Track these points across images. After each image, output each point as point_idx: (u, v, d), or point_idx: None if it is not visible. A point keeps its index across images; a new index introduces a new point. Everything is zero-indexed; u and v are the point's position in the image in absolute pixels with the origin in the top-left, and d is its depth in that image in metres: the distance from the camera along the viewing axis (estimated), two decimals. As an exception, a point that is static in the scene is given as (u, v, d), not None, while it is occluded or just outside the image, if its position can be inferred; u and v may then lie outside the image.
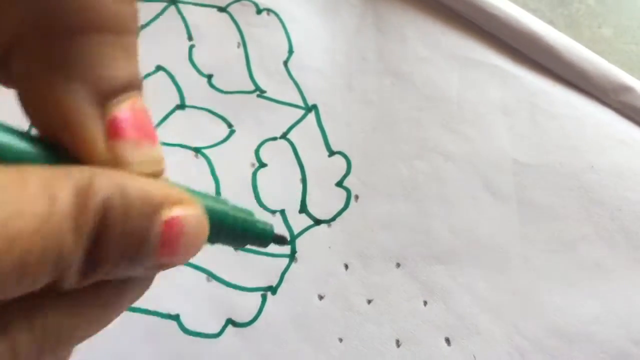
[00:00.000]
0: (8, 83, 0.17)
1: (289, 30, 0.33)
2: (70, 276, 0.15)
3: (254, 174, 0.30)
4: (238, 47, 0.33)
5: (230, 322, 0.27)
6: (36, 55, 0.16)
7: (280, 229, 0.29)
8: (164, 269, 0.18)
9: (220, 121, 0.31)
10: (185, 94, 0.31)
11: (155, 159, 0.17)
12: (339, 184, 0.30)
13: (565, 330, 0.27)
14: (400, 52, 0.33)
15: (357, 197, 0.30)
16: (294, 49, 0.33)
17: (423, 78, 0.32)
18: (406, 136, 0.31)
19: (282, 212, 0.30)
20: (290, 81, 0.32)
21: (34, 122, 0.17)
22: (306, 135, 0.31)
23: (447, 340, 0.28)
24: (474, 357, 0.27)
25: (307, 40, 0.33)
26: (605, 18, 0.35)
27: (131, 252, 0.17)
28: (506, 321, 0.28)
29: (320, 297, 0.28)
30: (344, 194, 0.30)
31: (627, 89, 0.31)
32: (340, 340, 0.27)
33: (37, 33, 0.16)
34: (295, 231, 0.29)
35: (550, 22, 0.33)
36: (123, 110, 0.17)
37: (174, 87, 0.32)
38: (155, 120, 0.31)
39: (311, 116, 0.32)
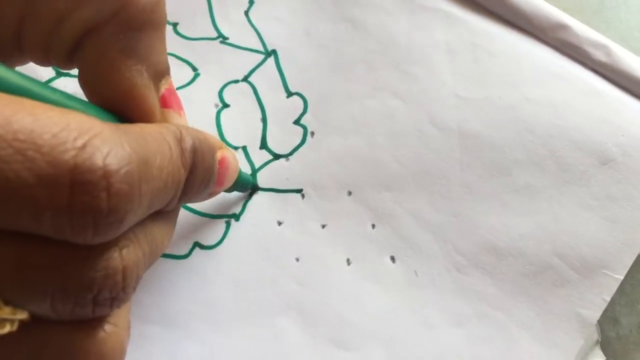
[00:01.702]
0: (74, 63, 0.22)
1: (250, -19, 0.36)
2: (175, 200, 0.21)
3: (218, 114, 0.33)
4: (202, -3, 0.35)
5: (197, 244, 0.30)
6: (112, 42, 0.21)
7: (241, 163, 0.32)
8: (209, 198, 0.26)
9: (185, 65, 0.34)
10: (153, 43, 0.34)
11: (186, 123, 0.24)
12: (297, 122, 0.33)
13: (497, 247, 0.31)
14: (356, -2, 0.35)
15: (312, 133, 0.33)
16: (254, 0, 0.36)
17: (375, 23, 0.35)
18: (359, 77, 0.34)
19: (244, 148, 0.32)
20: (251, 29, 0.35)
21: (94, 95, 0.22)
22: (266, 78, 0.34)
23: (392, 258, 0.31)
24: (415, 272, 0.30)
25: (268, -11, 0.36)
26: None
27: (205, 183, 0.23)
28: (445, 240, 0.31)
29: (279, 223, 0.31)
30: (300, 130, 0.33)
31: (563, 27, 0.34)
32: (297, 259, 0.31)
33: (115, 24, 0.21)
34: (256, 165, 0.32)
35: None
36: (167, 88, 0.23)
37: (142, 37, 0.34)
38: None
39: (270, 60, 0.34)
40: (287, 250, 0.31)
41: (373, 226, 0.31)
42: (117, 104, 0.21)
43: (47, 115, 0.16)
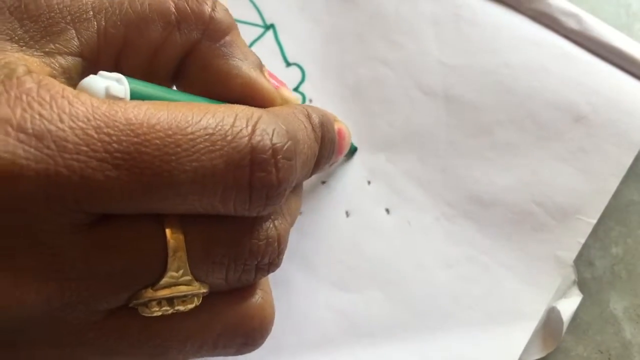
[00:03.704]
0: (183, 83, 0.25)
1: (248, -39, 0.38)
2: (310, 171, 0.25)
3: (222, 84, 0.36)
4: (204, -23, 0.38)
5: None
6: (213, 53, 0.23)
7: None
8: (329, 168, 0.30)
9: (191, 40, 0.36)
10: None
11: (296, 96, 0.28)
12: (296, 89, 0.36)
13: (482, 198, 0.34)
14: (347, -24, 0.38)
15: (310, 100, 0.36)
16: (253, -23, 0.38)
17: (365, -2, 0.38)
18: (351, 48, 0.37)
19: (248, 114, 0.35)
20: (251, 4, 0.38)
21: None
22: (266, 50, 0.37)
23: (387, 210, 0.34)
24: (408, 222, 0.33)
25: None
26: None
27: (330, 154, 0.27)
28: (435, 193, 0.34)
29: (282, 182, 0.34)
30: (299, 97, 0.36)
31: (538, -2, 0.37)
32: (301, 212, 0.33)
33: (208, 38, 0.23)
34: (259, 129, 0.35)
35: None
36: (269, 74, 0.26)
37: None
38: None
39: (269, 34, 0.37)
40: (291, 205, 0.34)
41: (369, 182, 0.34)
42: (237, 102, 0.23)
43: (219, 110, 0.19)
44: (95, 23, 0.22)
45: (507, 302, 0.32)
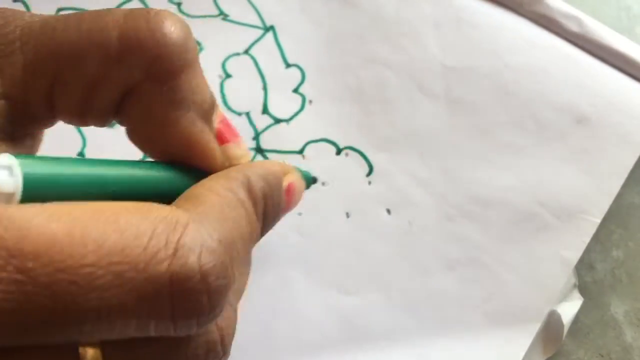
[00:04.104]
0: (117, 121, 0.21)
1: (248, -37, 0.38)
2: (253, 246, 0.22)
3: (222, 84, 0.35)
4: (203, -22, 0.38)
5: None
6: (154, 98, 0.20)
7: (244, 128, 0.35)
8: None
9: (190, 40, 0.36)
10: (159, 19, 0.36)
11: (246, 150, 0.23)
12: (295, 90, 0.36)
13: (484, 198, 0.33)
14: (346, -21, 0.38)
15: (310, 101, 0.36)
16: (253, -22, 0.38)
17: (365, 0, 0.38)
18: (352, 50, 0.37)
19: (247, 113, 0.35)
20: (250, 6, 0.37)
21: (149, 151, 0.22)
22: (266, 51, 0.36)
23: (388, 211, 0.33)
24: (409, 223, 0.33)
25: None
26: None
27: (275, 218, 0.23)
28: (436, 193, 0.34)
29: (282, 182, 0.34)
30: (299, 98, 0.36)
31: (537, 1, 0.37)
32: (300, 214, 0.33)
33: (152, 79, 0.20)
34: (259, 129, 0.35)
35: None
36: (218, 123, 0.22)
37: (149, 14, 0.36)
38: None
39: (269, 35, 0.37)
40: (290, 206, 0.33)
41: (369, 183, 0.34)
42: (176, 155, 0.21)
43: (131, 224, 0.16)
44: (21, 57, 0.19)
45: (511, 303, 0.32)
